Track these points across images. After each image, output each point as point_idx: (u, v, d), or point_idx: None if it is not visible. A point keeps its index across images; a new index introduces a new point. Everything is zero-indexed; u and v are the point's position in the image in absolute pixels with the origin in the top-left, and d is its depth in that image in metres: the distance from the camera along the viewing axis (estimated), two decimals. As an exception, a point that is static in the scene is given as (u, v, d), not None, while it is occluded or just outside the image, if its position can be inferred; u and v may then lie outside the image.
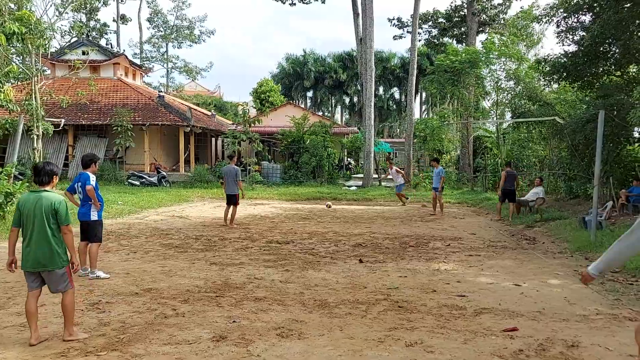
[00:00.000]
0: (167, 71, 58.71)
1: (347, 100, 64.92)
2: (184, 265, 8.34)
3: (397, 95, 63.31)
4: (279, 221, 14.34)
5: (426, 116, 55.43)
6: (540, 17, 17.59)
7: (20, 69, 15.63)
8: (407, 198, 19.96)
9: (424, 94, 59.18)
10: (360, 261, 8.71)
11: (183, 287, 6.89)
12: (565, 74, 16.23)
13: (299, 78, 60.14)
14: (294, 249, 10.01)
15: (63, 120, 21.96)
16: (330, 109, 65.74)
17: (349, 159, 36.35)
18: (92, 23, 48.60)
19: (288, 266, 8.30)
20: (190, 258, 8.94)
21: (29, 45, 16.63)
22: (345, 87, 60.56)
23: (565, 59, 15.85)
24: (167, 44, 57.85)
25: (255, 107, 43.82)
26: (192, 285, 7.02)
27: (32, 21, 13.70)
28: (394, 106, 63.77)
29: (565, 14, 16.37)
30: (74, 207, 7.35)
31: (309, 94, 63.86)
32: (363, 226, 13.43)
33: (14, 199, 11.12)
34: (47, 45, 18.12)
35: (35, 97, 17.26)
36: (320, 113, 55.28)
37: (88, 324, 5.36)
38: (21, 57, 20.19)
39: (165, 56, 58.13)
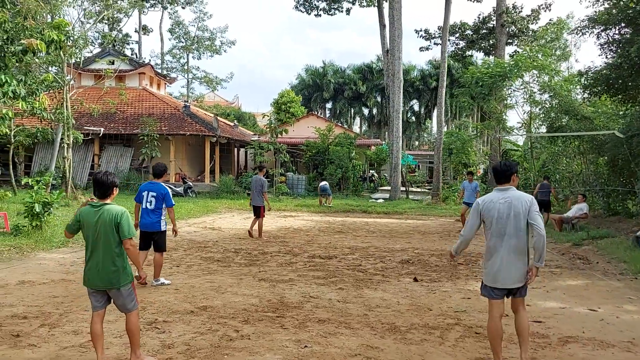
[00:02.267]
0: (188, 81, 58.91)
1: (366, 111, 64.73)
2: (231, 281, 8.01)
3: (416, 108, 62.95)
4: (314, 234, 13.99)
5: (446, 129, 54.94)
6: (578, 28, 17.16)
7: (55, 77, 15.51)
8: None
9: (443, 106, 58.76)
10: (415, 280, 8.33)
11: (239, 306, 6.56)
12: (606, 87, 15.80)
13: (319, 89, 60.08)
14: (339, 264, 9.66)
15: (102, 129, 21.97)
16: (349, 120, 65.50)
17: (372, 171, 35.95)
18: (114, 33, 48.90)
19: (340, 284, 7.95)
20: (236, 273, 8.62)
21: (61, 54, 16.58)
22: (365, 98, 60.39)
23: (608, 72, 15.41)
24: (187, 55, 58.05)
25: (277, 118, 43.65)
26: (248, 303, 6.69)
27: (69, 29, 13.58)
28: (413, 118, 63.37)
29: (603, 27, 15.96)
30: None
31: (328, 105, 63.77)
32: (402, 241, 13.04)
33: (51, 208, 10.90)
34: (79, 55, 18.04)
35: (66, 106, 17.18)
36: (340, 124, 55.06)
37: (151, 346, 5.05)
38: (51, 66, 20.16)
39: (186, 67, 58.32)
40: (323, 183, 22.87)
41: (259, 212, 12.88)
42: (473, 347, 5.22)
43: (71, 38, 14.27)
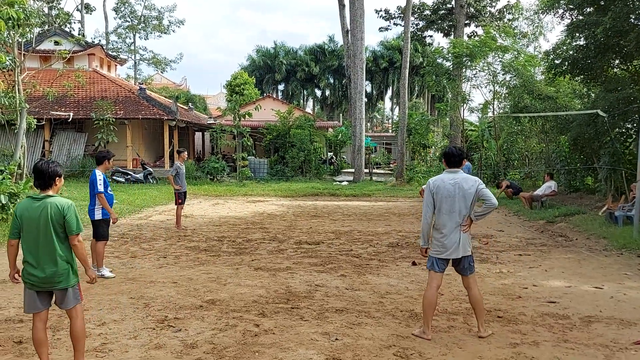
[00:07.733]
0: (135, 63, 56.80)
1: (318, 93, 64.45)
2: (228, 271, 7.70)
3: (368, 89, 63.07)
4: (291, 219, 13.75)
5: (396, 109, 55.34)
6: (543, 9, 17.42)
7: (9, 59, 14.44)
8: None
9: (393, 87, 59.17)
10: (414, 264, 8.25)
11: (247, 298, 6.28)
12: (572, 66, 16.12)
13: (270, 71, 59.22)
14: (330, 250, 9.49)
15: (71, 114, 20.91)
16: (302, 102, 65.05)
17: (330, 154, 35.86)
18: (54, 12, 46.34)
19: (340, 270, 7.77)
20: (229, 263, 8.31)
21: (11, 33, 15.48)
22: (317, 80, 60.01)
23: (575, 53, 15.74)
24: (134, 35, 55.89)
25: (229, 100, 42.71)
26: (256, 294, 6.42)
27: (27, 6, 12.63)
28: (365, 99, 63.44)
29: (570, 6, 16.21)
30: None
31: (280, 87, 63.03)
32: (382, 224, 12.99)
33: (18, 199, 10.19)
34: (32, 34, 16.90)
35: (18, 89, 16.10)
36: (297, 107, 54.56)
37: (172, 347, 4.72)
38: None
39: (133, 47, 56.18)
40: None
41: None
42: (502, 332, 5.15)
43: (28, 16, 13.27)
